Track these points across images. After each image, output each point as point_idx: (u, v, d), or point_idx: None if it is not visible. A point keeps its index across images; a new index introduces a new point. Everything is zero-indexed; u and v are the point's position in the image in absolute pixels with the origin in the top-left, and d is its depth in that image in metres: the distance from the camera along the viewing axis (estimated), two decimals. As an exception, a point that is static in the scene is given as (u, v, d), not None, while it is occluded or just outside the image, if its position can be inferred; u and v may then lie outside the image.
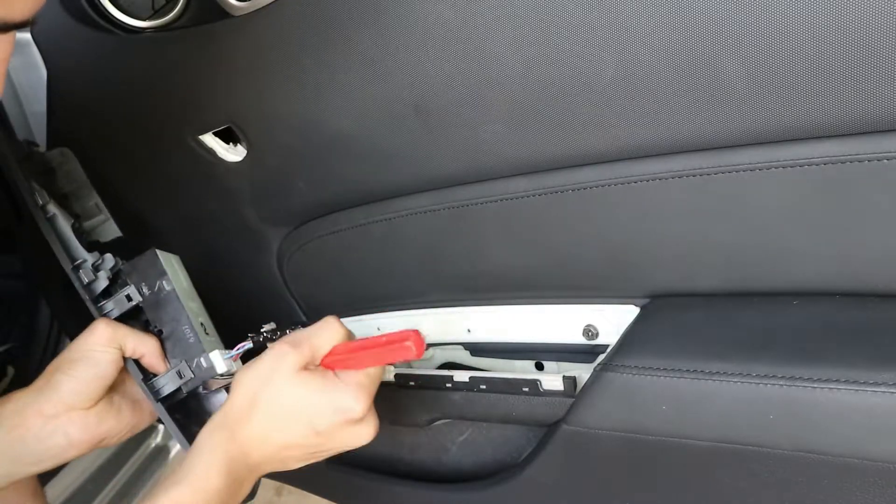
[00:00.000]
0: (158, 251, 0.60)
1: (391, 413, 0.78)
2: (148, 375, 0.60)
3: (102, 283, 0.61)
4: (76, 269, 0.62)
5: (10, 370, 1.08)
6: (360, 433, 0.53)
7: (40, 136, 0.91)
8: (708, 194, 0.53)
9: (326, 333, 0.54)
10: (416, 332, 0.51)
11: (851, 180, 0.48)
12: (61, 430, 0.56)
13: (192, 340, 0.59)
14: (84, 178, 0.75)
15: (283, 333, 0.65)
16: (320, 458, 0.55)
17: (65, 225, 0.63)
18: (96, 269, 0.61)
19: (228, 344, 0.62)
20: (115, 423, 0.59)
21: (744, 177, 0.51)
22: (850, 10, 0.42)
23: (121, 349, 0.58)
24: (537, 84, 0.52)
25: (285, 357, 0.52)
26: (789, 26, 0.44)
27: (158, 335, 0.60)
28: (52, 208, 0.64)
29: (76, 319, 1.02)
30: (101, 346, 0.57)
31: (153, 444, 1.10)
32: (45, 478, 0.91)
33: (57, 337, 1.07)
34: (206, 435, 0.52)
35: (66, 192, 0.75)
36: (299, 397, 0.51)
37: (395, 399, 0.76)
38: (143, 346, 0.59)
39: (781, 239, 0.53)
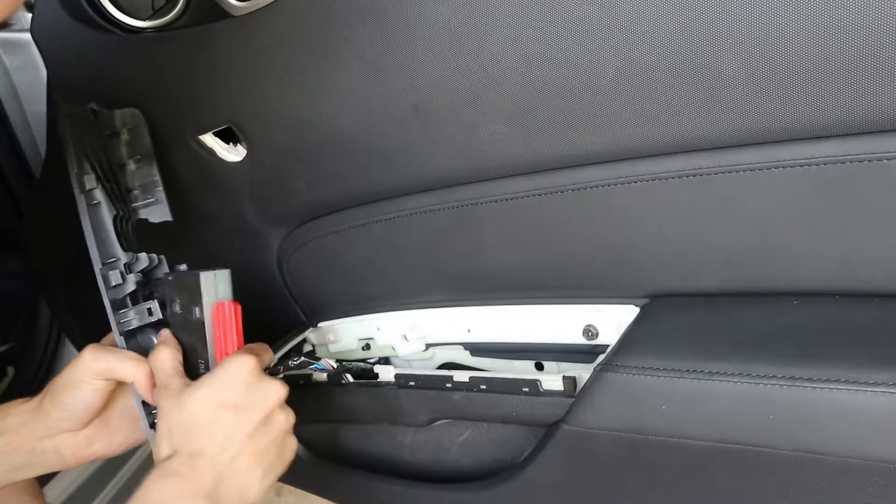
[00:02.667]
0: (203, 276, 0.57)
1: (391, 413, 0.78)
2: (151, 408, 0.58)
3: (130, 286, 0.59)
4: (107, 267, 0.59)
5: (10, 370, 1.08)
6: (270, 385, 0.53)
7: (40, 136, 0.91)
8: (708, 194, 0.53)
9: (158, 356, 0.55)
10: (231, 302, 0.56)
11: (851, 180, 0.48)
12: (52, 448, 0.58)
13: (202, 372, 0.57)
14: (149, 147, 0.66)
15: (285, 365, 0.69)
16: (269, 453, 0.53)
17: (107, 215, 0.60)
18: (129, 269, 0.59)
19: None
20: (107, 444, 0.60)
21: (744, 177, 0.51)
22: (850, 11, 0.42)
23: (107, 379, 0.57)
24: (537, 84, 0.52)
25: (161, 391, 0.54)
26: (789, 26, 0.44)
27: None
28: (99, 195, 0.60)
29: (76, 319, 1.02)
30: (86, 377, 0.57)
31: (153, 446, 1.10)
32: (44, 478, 0.91)
33: (57, 337, 1.07)
34: (148, 477, 0.50)
35: (125, 161, 0.67)
36: (216, 391, 0.52)
37: (395, 399, 0.76)
38: (133, 375, 0.57)
39: (781, 239, 0.53)
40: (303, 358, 0.71)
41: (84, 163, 0.61)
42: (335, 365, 0.74)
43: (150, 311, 0.59)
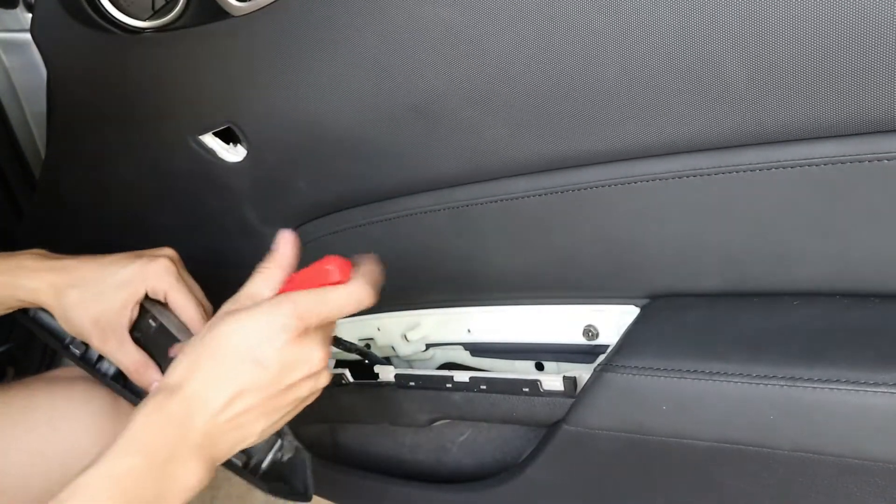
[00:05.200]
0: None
1: (391, 413, 0.78)
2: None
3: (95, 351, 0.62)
4: (66, 347, 0.63)
5: (10, 370, 1.08)
6: (311, 355, 0.47)
7: (40, 136, 0.91)
8: (708, 194, 0.53)
9: (259, 282, 0.50)
10: (338, 257, 0.49)
11: (851, 180, 0.48)
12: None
13: None
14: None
15: None
16: (281, 411, 0.48)
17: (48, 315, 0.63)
18: None
19: None
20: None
21: (744, 177, 0.51)
22: (850, 11, 0.42)
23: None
24: (538, 84, 0.52)
25: (220, 313, 0.49)
26: (789, 26, 0.44)
27: None
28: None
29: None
30: (139, 283, 0.58)
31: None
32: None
33: (57, 337, 1.07)
34: (142, 403, 0.46)
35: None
36: (234, 332, 0.46)
37: (395, 399, 0.76)
38: (185, 305, 0.59)
39: (781, 239, 0.53)
40: None
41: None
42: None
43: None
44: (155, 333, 0.60)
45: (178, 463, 0.44)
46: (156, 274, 0.59)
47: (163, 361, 0.60)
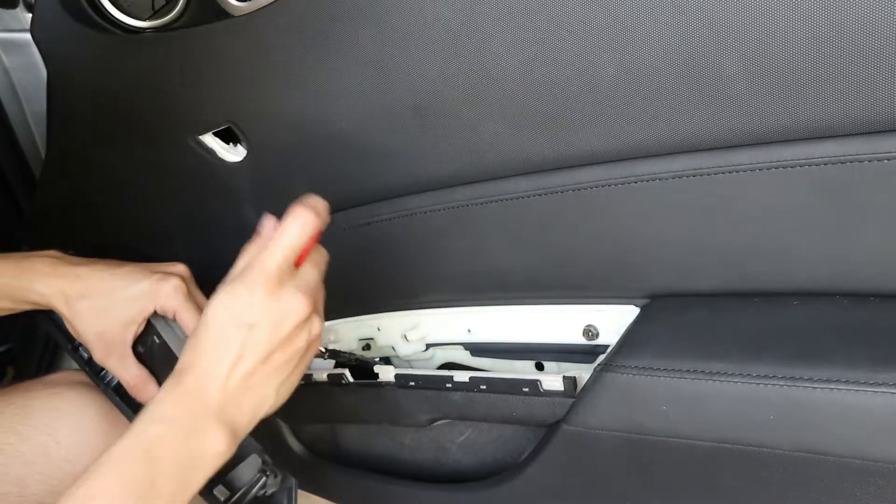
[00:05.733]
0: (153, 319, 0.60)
1: (391, 413, 0.78)
2: None
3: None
4: (75, 349, 0.63)
5: (10, 370, 1.08)
6: (293, 301, 0.49)
7: (40, 136, 0.91)
8: (708, 194, 0.53)
9: (240, 262, 0.52)
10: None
11: (851, 180, 0.48)
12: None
13: None
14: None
15: None
16: (287, 367, 0.50)
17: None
18: None
19: None
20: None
21: (744, 177, 0.51)
22: (850, 11, 0.42)
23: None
24: (537, 84, 0.52)
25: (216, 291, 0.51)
26: (789, 26, 0.44)
27: None
28: None
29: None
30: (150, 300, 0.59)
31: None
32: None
33: (57, 337, 1.07)
34: (164, 400, 0.49)
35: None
36: (221, 306, 0.49)
37: (395, 399, 0.76)
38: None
39: (781, 239, 0.53)
40: None
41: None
42: (322, 348, 0.74)
43: None
44: (158, 350, 0.60)
45: (201, 431, 0.47)
46: (166, 294, 0.59)
47: (163, 378, 0.60)
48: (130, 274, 0.60)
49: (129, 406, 0.64)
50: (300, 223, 0.50)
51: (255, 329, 0.48)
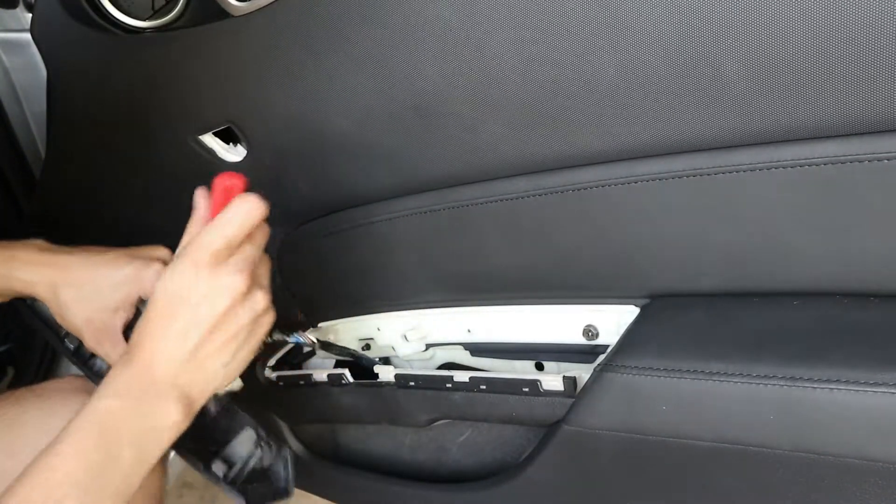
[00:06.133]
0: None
1: (391, 413, 0.78)
2: None
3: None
4: (62, 339, 0.63)
5: (10, 370, 1.08)
6: (229, 281, 0.50)
7: (40, 136, 0.91)
8: (708, 194, 0.53)
9: (183, 240, 0.54)
10: (230, 173, 0.53)
11: (851, 180, 0.48)
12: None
13: None
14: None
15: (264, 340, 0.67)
16: (233, 343, 0.51)
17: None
18: None
19: None
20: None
21: (744, 177, 0.51)
22: (850, 11, 0.42)
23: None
24: (537, 84, 0.52)
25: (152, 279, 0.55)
26: (789, 26, 0.44)
27: None
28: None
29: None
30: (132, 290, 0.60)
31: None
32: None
33: (57, 337, 1.07)
34: (117, 375, 0.50)
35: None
36: (164, 285, 0.50)
37: (395, 399, 0.76)
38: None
39: (781, 239, 0.53)
40: (276, 332, 0.69)
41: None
42: (314, 339, 0.74)
43: None
44: None
45: (153, 403, 0.48)
46: (150, 280, 0.59)
47: None
48: (113, 261, 0.60)
49: None
50: (245, 212, 0.51)
51: (197, 306, 0.49)
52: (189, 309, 0.49)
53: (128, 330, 0.60)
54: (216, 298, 0.50)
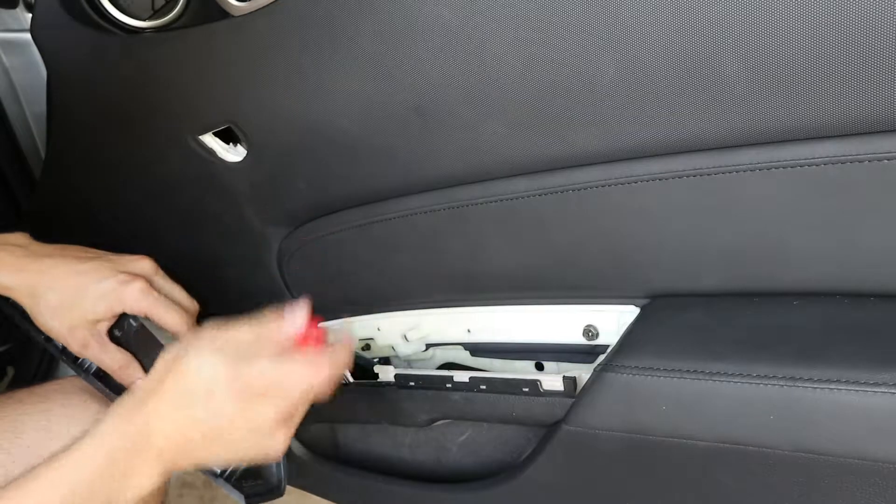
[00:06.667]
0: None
1: (391, 413, 0.78)
2: None
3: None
4: (48, 339, 0.62)
5: (10, 370, 1.08)
6: (258, 415, 0.48)
7: (40, 136, 0.91)
8: (708, 194, 0.53)
9: (254, 329, 0.51)
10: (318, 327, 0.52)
11: (851, 180, 0.48)
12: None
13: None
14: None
15: None
16: (234, 444, 0.49)
17: None
18: None
19: None
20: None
21: (744, 177, 0.51)
22: (850, 11, 0.42)
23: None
24: (537, 84, 0.52)
25: (200, 336, 0.50)
26: (789, 26, 0.44)
27: None
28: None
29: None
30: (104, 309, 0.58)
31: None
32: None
33: (57, 337, 1.07)
34: (109, 411, 0.49)
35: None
36: (210, 372, 0.48)
37: (395, 399, 0.76)
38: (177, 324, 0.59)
39: (781, 239, 0.53)
40: None
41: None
42: None
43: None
44: (136, 333, 0.60)
45: (137, 469, 0.48)
46: (132, 298, 0.59)
47: (145, 359, 0.61)
48: (95, 271, 0.59)
49: (111, 389, 0.64)
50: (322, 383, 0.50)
51: (218, 416, 0.48)
52: (210, 411, 0.48)
53: (113, 329, 0.60)
54: (239, 421, 0.48)
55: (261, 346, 0.49)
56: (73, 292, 0.58)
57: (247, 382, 0.48)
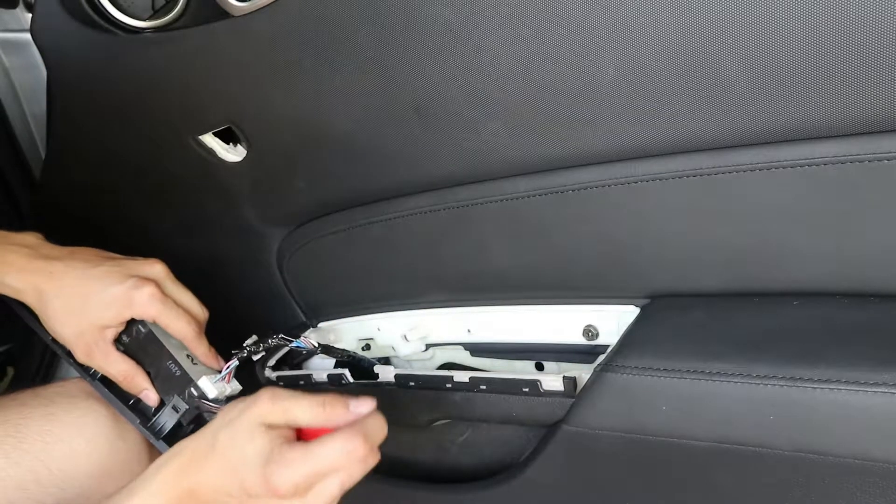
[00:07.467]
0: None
1: (391, 413, 0.78)
2: (148, 419, 0.60)
3: None
4: (54, 340, 0.61)
5: (10, 370, 1.08)
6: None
7: (40, 136, 0.91)
8: (708, 194, 0.53)
9: (312, 409, 0.49)
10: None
11: (851, 180, 0.48)
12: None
13: (178, 374, 0.58)
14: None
15: (265, 343, 0.65)
16: None
17: None
18: None
19: (225, 350, 0.61)
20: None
21: (744, 177, 0.51)
22: (850, 11, 0.42)
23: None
24: (537, 84, 0.52)
25: (256, 405, 0.48)
26: (789, 27, 0.44)
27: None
28: None
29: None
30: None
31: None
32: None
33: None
34: (159, 465, 0.48)
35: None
36: (252, 453, 0.46)
37: (395, 399, 0.76)
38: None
39: (781, 239, 0.53)
40: (281, 335, 0.68)
41: None
42: (316, 343, 0.74)
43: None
44: (144, 340, 0.60)
45: None
46: (142, 303, 0.58)
47: (151, 367, 0.60)
48: (105, 276, 0.58)
49: (117, 395, 0.63)
50: (345, 452, 0.50)
51: (246, 495, 0.46)
52: (241, 484, 0.46)
53: (121, 335, 0.60)
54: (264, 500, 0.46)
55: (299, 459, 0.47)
56: (82, 298, 0.57)
57: (276, 484, 0.46)
